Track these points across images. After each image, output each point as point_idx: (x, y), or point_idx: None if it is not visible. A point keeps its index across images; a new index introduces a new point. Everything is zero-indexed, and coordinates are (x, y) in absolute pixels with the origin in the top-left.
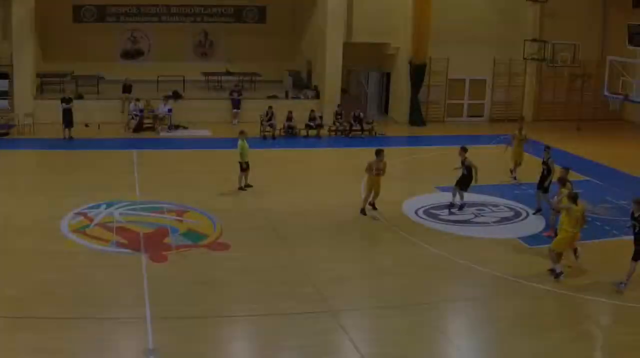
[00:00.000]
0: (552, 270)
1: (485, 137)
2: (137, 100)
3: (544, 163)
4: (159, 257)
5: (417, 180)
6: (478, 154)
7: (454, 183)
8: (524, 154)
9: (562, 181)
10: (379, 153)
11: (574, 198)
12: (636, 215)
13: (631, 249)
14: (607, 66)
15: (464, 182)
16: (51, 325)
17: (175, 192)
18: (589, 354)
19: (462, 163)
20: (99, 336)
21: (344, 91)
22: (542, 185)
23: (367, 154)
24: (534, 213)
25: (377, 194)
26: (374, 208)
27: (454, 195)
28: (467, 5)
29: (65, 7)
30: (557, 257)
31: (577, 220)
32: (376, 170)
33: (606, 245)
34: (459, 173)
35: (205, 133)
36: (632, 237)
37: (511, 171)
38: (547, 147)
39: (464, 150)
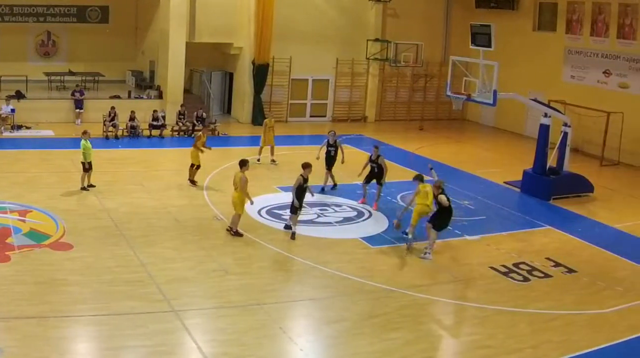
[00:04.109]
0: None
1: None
2: None
3: (373, 161)
4: (1, 257)
5: (259, 180)
6: (320, 155)
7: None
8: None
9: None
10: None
11: (419, 178)
12: (435, 194)
13: (472, 248)
14: (450, 66)
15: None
16: None
17: (18, 192)
18: (431, 354)
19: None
20: None
21: (186, 91)
22: (370, 180)
23: (209, 154)
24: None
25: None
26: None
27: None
28: (310, 4)
29: None
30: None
31: (425, 195)
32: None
33: (449, 245)
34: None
35: (48, 133)
36: (475, 236)
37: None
38: (376, 146)
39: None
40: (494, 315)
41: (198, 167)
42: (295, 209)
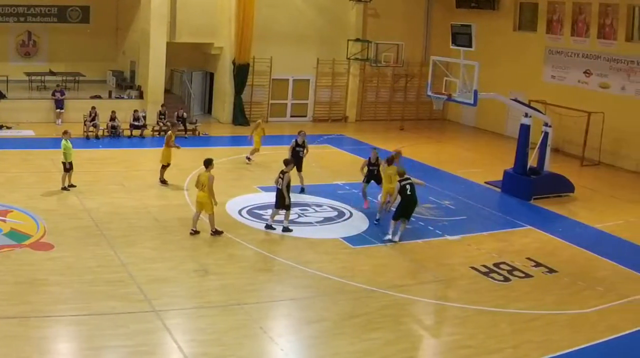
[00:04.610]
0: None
1: (309, 137)
2: None
3: (373, 164)
4: None
5: (240, 180)
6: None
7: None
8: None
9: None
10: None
11: (388, 161)
12: (403, 183)
13: (453, 248)
14: (430, 66)
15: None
16: None
17: None
18: (411, 354)
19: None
20: None
21: (167, 91)
22: (369, 181)
23: (190, 154)
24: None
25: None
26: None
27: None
28: (291, 4)
29: None
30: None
31: (389, 178)
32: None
33: (429, 244)
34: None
35: (29, 133)
36: (456, 236)
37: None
38: (374, 149)
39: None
40: (474, 315)
41: (168, 165)
42: (289, 206)
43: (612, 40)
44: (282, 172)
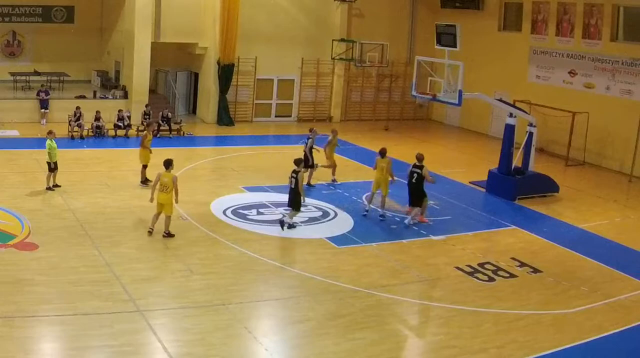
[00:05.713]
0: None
1: (294, 137)
2: None
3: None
4: None
5: (225, 180)
6: (287, 154)
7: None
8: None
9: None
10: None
11: (381, 153)
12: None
13: (437, 248)
14: (415, 66)
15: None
16: None
17: None
18: (396, 354)
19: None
20: None
21: (152, 91)
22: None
23: (174, 154)
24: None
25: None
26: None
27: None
28: (275, 4)
29: None
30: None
31: (381, 169)
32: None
33: (414, 244)
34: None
35: (13, 133)
36: (441, 236)
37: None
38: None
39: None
40: (459, 315)
41: (146, 166)
42: (299, 206)
43: (596, 40)
44: (295, 172)
